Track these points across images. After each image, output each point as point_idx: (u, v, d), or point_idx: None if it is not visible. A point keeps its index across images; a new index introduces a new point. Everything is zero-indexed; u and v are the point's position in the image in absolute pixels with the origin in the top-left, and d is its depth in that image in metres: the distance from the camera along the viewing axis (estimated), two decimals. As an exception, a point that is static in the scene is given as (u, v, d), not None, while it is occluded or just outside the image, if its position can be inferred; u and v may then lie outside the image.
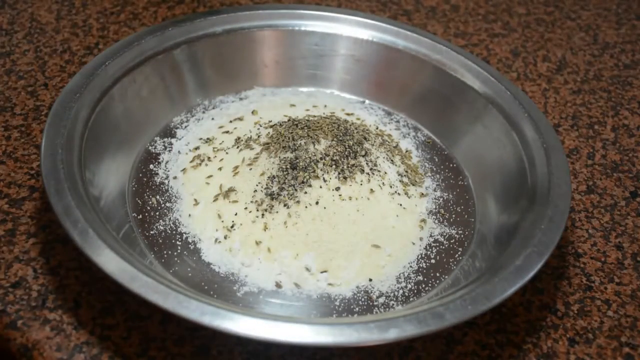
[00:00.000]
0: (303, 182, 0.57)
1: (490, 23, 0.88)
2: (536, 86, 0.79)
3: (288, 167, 0.58)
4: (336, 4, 0.89)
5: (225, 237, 0.56)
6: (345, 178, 0.58)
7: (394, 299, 0.54)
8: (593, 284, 0.58)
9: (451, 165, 0.67)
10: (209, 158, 0.63)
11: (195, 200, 0.60)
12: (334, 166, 0.59)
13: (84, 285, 0.53)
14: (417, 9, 0.89)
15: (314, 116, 0.65)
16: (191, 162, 0.63)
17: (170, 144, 0.66)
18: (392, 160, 0.63)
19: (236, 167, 0.61)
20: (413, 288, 0.55)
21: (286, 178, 0.58)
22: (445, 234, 0.60)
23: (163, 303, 0.44)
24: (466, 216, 0.62)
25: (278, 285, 0.54)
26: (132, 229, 0.57)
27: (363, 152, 0.61)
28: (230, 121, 0.68)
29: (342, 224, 0.57)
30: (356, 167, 0.59)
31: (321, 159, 0.59)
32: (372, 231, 0.57)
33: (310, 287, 0.54)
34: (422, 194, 0.63)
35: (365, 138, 0.63)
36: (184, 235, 0.57)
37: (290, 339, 0.44)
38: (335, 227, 0.56)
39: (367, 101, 0.73)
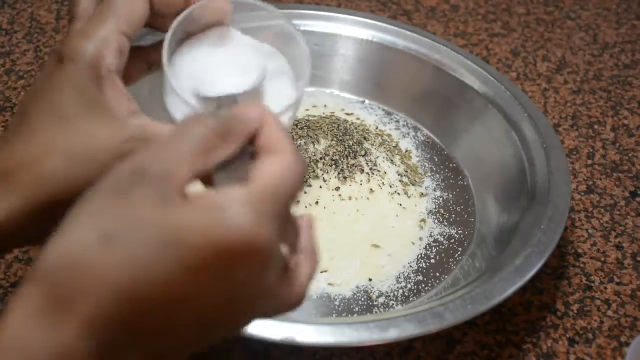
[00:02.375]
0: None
1: (490, 23, 0.88)
2: (536, 86, 0.79)
3: (288, 167, 0.58)
4: (336, 4, 0.89)
5: (225, 237, 0.56)
6: (345, 178, 0.58)
7: (394, 299, 0.54)
8: (593, 284, 0.58)
9: (451, 165, 0.67)
10: (209, 158, 0.63)
11: (195, 200, 0.59)
12: (333, 166, 0.59)
13: (84, 285, 0.52)
14: (417, 9, 0.89)
15: (314, 116, 0.65)
16: (191, 162, 0.63)
17: (170, 144, 0.65)
18: (392, 160, 0.63)
19: (236, 167, 0.61)
20: (413, 288, 0.55)
21: (286, 178, 0.58)
22: (445, 234, 0.60)
23: (163, 303, 0.44)
24: (466, 216, 0.62)
25: (278, 285, 0.54)
26: (132, 229, 0.57)
27: (363, 152, 0.61)
28: (230, 121, 0.68)
29: (342, 224, 0.57)
30: (356, 167, 0.59)
31: (321, 159, 0.59)
32: (372, 231, 0.57)
33: (310, 287, 0.54)
34: (422, 194, 0.63)
35: (365, 138, 0.63)
36: (184, 235, 0.57)
37: (291, 339, 0.44)
38: (335, 227, 0.56)
39: (367, 101, 0.73)
